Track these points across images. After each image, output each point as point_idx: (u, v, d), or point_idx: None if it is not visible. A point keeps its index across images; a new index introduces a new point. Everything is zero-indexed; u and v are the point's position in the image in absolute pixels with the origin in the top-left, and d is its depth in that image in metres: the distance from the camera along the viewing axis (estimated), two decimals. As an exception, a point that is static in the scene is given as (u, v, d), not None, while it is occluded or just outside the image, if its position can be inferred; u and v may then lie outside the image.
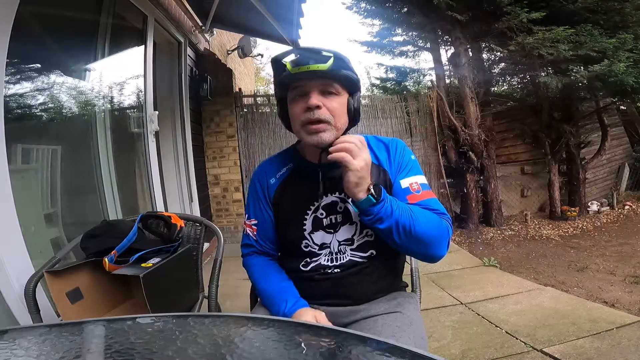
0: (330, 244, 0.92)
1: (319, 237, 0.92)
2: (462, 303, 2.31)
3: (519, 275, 2.90)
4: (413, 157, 0.95)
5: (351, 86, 0.87)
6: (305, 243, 0.93)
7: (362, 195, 0.80)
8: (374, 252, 0.92)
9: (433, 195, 0.91)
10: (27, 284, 1.11)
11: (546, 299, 2.30)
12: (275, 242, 1.01)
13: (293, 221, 0.94)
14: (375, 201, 0.79)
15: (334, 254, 0.92)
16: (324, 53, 0.82)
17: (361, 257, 0.92)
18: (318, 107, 0.83)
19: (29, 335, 0.54)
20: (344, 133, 0.88)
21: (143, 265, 1.09)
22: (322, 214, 0.92)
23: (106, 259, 1.10)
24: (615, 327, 1.82)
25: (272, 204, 0.97)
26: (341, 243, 0.91)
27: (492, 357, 1.68)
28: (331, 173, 0.90)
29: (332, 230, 0.92)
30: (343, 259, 0.91)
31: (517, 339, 1.82)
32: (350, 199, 0.84)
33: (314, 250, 0.93)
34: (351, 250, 0.91)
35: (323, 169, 0.90)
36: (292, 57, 0.84)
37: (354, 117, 0.89)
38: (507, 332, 1.89)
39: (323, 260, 0.92)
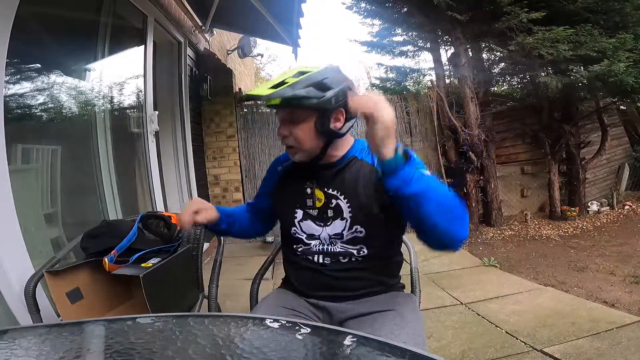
0: (319, 236, 0.97)
1: (308, 226, 0.98)
2: (462, 303, 2.31)
3: (519, 275, 2.89)
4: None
5: (317, 108, 0.87)
6: (294, 230, 1.00)
7: (390, 153, 0.74)
8: (365, 249, 0.94)
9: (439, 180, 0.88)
10: (27, 284, 1.11)
11: (546, 299, 2.30)
12: (266, 213, 1.12)
13: (287, 207, 1.01)
14: (404, 161, 0.74)
15: (325, 245, 0.96)
16: (280, 86, 0.86)
17: (351, 249, 0.95)
18: (285, 136, 0.91)
19: (29, 335, 0.54)
20: (325, 148, 0.92)
21: (143, 265, 1.09)
22: (313, 206, 0.96)
23: (106, 259, 1.10)
24: (615, 327, 1.83)
25: (274, 188, 1.07)
26: (331, 237, 0.96)
27: (492, 357, 1.68)
28: (327, 170, 0.96)
29: (322, 224, 0.96)
30: (334, 250, 0.96)
31: (517, 339, 1.82)
32: (376, 160, 0.80)
33: (301, 237, 0.99)
34: (341, 242, 0.95)
35: (317, 165, 0.96)
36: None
37: (331, 134, 0.91)
38: (507, 332, 1.89)
39: (314, 248, 0.98)
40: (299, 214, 0.99)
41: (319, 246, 0.97)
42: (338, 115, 0.90)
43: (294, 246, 1.01)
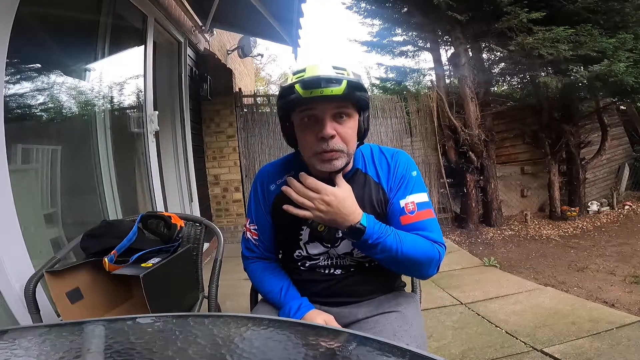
0: (328, 252, 0.93)
1: (316, 248, 0.93)
2: (462, 303, 2.31)
3: (519, 275, 2.89)
4: (415, 173, 0.92)
5: (363, 106, 0.84)
6: (299, 252, 0.94)
7: (344, 226, 0.80)
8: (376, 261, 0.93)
9: (430, 215, 0.88)
10: (27, 284, 1.11)
11: (546, 299, 2.30)
12: (276, 246, 1.02)
13: (289, 230, 0.94)
14: (356, 239, 0.80)
15: (334, 260, 0.93)
16: (337, 72, 0.77)
17: (362, 261, 0.93)
18: (332, 136, 0.79)
19: (29, 335, 0.54)
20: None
21: (143, 265, 1.09)
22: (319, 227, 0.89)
23: (106, 259, 1.10)
24: (615, 327, 1.82)
25: (271, 210, 0.96)
26: (341, 255, 0.92)
27: (492, 357, 1.68)
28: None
29: (330, 245, 0.91)
30: (344, 263, 0.93)
31: (517, 339, 1.82)
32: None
33: (307, 255, 0.94)
34: (351, 258, 0.93)
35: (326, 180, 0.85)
36: (301, 76, 0.78)
37: (362, 135, 0.87)
38: (507, 332, 1.89)
39: (322, 262, 0.94)
40: (305, 235, 0.92)
41: (327, 260, 0.93)
42: None
43: (299, 263, 0.96)
